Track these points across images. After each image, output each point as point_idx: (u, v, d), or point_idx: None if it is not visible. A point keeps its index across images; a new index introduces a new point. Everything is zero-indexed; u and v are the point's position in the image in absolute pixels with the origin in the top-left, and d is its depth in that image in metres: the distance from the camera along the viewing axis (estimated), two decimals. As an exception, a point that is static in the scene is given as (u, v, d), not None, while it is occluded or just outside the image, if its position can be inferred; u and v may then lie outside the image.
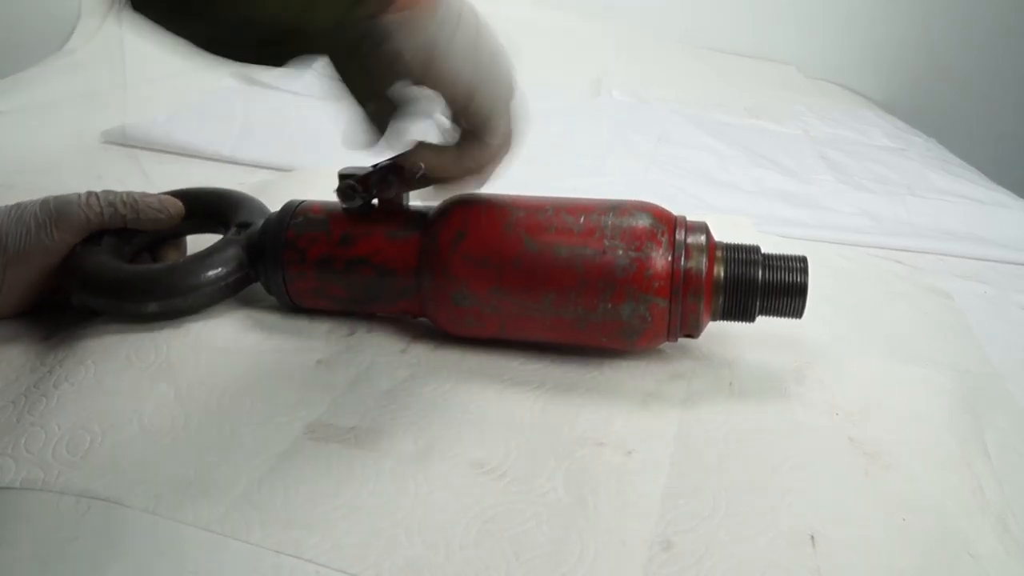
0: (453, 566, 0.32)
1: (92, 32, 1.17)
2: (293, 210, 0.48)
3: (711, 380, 0.45)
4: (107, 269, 0.46)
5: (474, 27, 0.40)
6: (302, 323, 0.48)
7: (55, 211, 0.46)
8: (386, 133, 0.41)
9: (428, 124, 0.42)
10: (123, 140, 0.86)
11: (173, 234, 0.52)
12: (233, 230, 0.50)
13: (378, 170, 0.45)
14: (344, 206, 0.46)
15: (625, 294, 0.42)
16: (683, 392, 0.43)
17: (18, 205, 0.47)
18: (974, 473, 0.39)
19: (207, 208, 0.52)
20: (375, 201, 0.47)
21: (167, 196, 0.50)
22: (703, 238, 0.43)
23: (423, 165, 0.43)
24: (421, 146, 0.43)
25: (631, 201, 0.45)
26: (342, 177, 0.45)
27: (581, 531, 0.34)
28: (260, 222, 0.49)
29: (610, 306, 0.42)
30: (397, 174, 0.45)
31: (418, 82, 0.39)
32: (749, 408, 0.42)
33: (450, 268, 0.44)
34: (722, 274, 0.43)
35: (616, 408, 0.42)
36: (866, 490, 0.37)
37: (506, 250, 0.43)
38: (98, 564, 0.31)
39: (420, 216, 0.47)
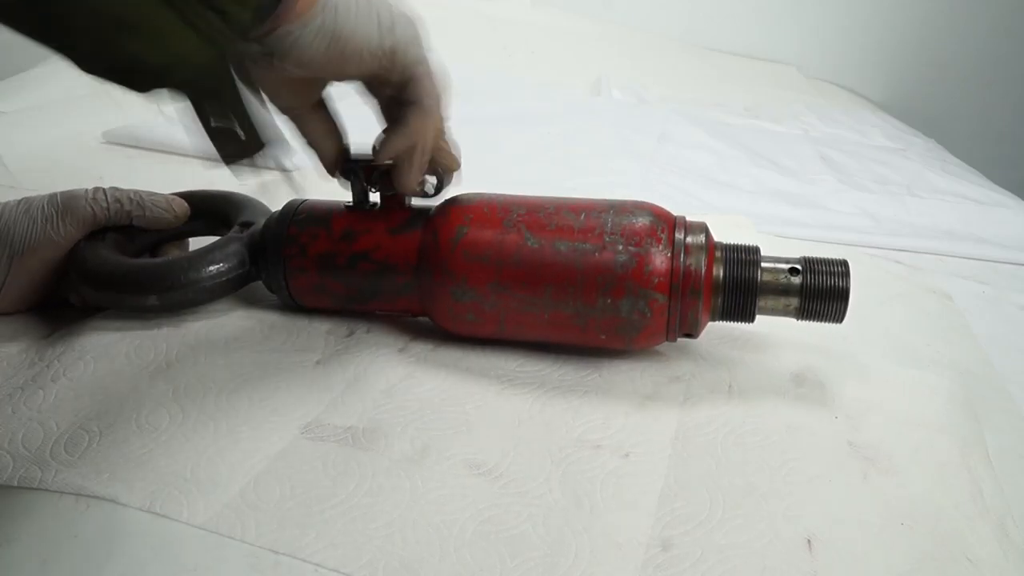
0: (448, 567, 0.32)
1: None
2: (295, 208, 0.48)
3: (710, 382, 0.44)
4: (108, 263, 0.46)
5: None
6: (301, 323, 0.48)
7: (62, 204, 0.47)
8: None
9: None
10: (123, 140, 0.86)
11: (176, 235, 0.53)
12: (236, 228, 0.50)
13: (380, 167, 0.45)
14: (347, 204, 0.47)
15: (624, 289, 0.42)
16: (682, 394, 0.43)
17: (26, 199, 0.47)
18: (974, 477, 0.39)
19: (211, 210, 0.52)
20: (377, 200, 0.47)
21: (173, 196, 0.51)
22: (702, 237, 0.43)
23: (429, 180, 0.44)
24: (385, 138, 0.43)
25: (631, 200, 0.45)
26: (349, 160, 0.45)
27: (577, 533, 0.34)
28: (262, 221, 0.49)
29: (609, 301, 0.42)
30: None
31: (333, 72, 0.38)
32: (748, 411, 0.42)
33: (450, 263, 0.44)
34: (721, 274, 0.43)
35: (614, 410, 0.42)
36: (864, 494, 0.37)
37: (506, 246, 0.43)
38: (96, 562, 0.31)
39: (422, 213, 0.47)
